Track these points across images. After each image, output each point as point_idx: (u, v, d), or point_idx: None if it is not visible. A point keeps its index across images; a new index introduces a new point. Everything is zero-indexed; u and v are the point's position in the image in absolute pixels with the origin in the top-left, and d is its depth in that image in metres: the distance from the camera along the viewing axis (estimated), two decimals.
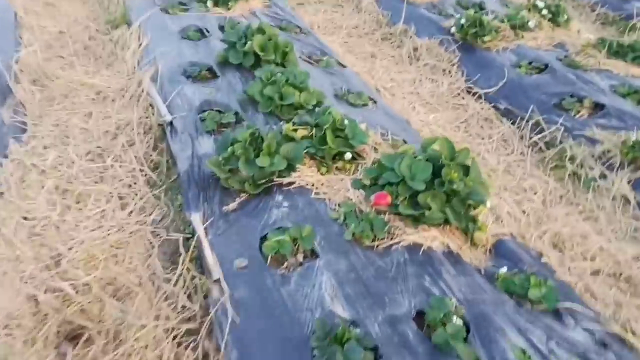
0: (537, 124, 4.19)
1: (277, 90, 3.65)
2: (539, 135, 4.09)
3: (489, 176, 3.72)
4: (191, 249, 2.75)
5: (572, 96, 4.35)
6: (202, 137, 3.47)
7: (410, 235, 2.75)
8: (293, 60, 4.23)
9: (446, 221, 2.82)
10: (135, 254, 2.85)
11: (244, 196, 3.05)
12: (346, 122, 3.28)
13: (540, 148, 4.04)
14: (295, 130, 3.28)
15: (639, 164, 3.64)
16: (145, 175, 3.36)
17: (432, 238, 2.76)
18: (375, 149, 3.36)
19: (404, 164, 2.87)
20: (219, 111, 3.71)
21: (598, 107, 4.25)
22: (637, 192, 3.52)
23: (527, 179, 3.73)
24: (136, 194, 3.23)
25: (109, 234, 2.93)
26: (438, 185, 2.83)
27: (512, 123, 4.33)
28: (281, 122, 3.53)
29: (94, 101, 4.08)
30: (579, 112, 4.23)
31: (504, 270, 2.65)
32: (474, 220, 2.87)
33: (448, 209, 2.82)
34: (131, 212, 3.10)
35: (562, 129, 4.04)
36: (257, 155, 3.08)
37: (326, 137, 3.19)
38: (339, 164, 3.19)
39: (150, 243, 2.91)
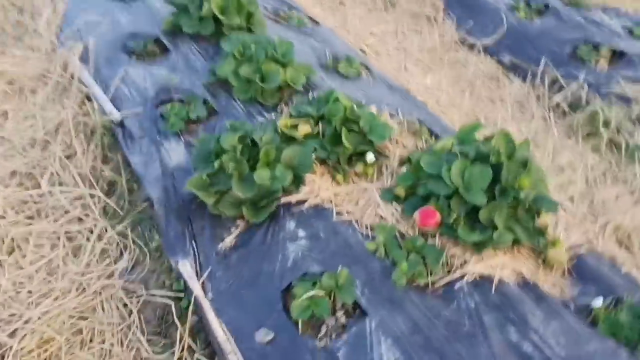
0: (554, 80, 3.58)
1: (255, 68, 2.83)
2: (560, 95, 3.49)
3: None
4: (189, 317, 2.00)
5: (585, 43, 3.75)
6: (169, 142, 2.64)
7: (474, 265, 2.12)
8: (260, 21, 3.38)
9: (514, 240, 2.20)
10: (106, 326, 2.07)
11: (242, 225, 2.30)
12: (357, 109, 2.55)
13: (564, 111, 3.44)
14: (295, 126, 2.51)
15: None
16: (99, 201, 2.51)
17: (501, 266, 2.14)
18: (396, 141, 2.65)
19: (455, 169, 2.19)
20: (182, 101, 2.86)
21: (617, 54, 3.68)
22: None
23: (561, 153, 3.14)
24: (91, 232, 2.40)
25: (65, 300, 2.13)
26: (500, 195, 2.18)
27: (522, 80, 3.70)
28: (272, 114, 2.74)
29: (7, 95, 3.10)
30: (597, 62, 3.65)
31: (599, 303, 2.08)
32: (542, 233, 2.26)
33: (516, 226, 2.19)
34: (90, 260, 2.29)
35: (586, 85, 3.46)
36: (253, 168, 2.32)
37: (339, 134, 2.44)
38: (358, 167, 2.47)
39: (126, 306, 2.14)
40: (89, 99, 2.96)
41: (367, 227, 2.24)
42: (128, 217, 2.43)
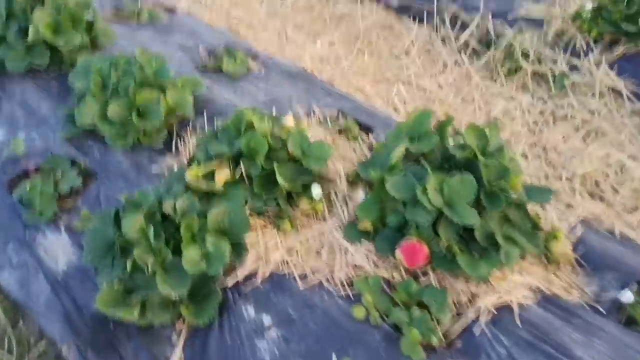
0: (454, 16, 3.20)
1: (128, 103, 2.16)
2: (467, 33, 3.13)
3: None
4: None
5: None
6: (45, 237, 1.95)
7: (485, 297, 1.74)
8: (105, 30, 2.64)
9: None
10: None
11: (184, 329, 1.74)
12: (279, 130, 2.01)
13: (476, 50, 3.09)
14: (209, 174, 1.93)
15: (607, 39, 2.89)
16: None
17: (514, 287, 1.78)
18: None
19: (431, 188, 1.75)
20: (38, 170, 2.14)
21: None
22: (623, 76, 2.80)
23: (492, 102, 2.82)
24: None
25: None
26: (489, 203, 1.79)
27: (420, 23, 3.29)
28: (167, 158, 2.12)
29: None
30: None
31: (628, 297, 1.79)
32: (537, 227, 1.92)
33: (514, 232, 1.82)
34: None
35: (490, 15, 3.12)
36: (177, 250, 1.74)
37: (271, 173, 1.90)
38: (303, 204, 1.96)
39: None
40: None
41: (343, 285, 1.78)
42: None
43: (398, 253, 1.77)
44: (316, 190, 1.92)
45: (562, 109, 2.76)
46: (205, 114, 2.29)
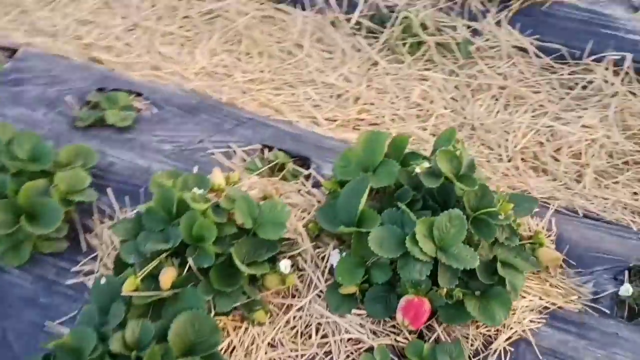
0: None
1: (12, 206, 1.67)
2: (358, 12, 2.87)
3: (365, 111, 2.51)
4: None
5: None
6: None
7: (499, 336, 1.59)
8: None
9: None
10: None
11: None
12: (219, 200, 1.67)
13: (371, 29, 2.85)
14: (150, 278, 1.56)
15: None
16: None
17: (521, 314, 1.64)
18: None
19: (420, 234, 1.53)
20: None
21: None
22: (526, 33, 2.72)
23: (406, 86, 2.62)
24: None
25: None
26: (479, 232, 1.62)
27: (302, 8, 2.97)
28: (79, 264, 1.69)
29: None
30: None
31: (627, 290, 1.72)
32: (521, 238, 1.78)
33: (512, 258, 1.66)
34: None
35: None
36: None
37: (228, 260, 1.57)
38: (271, 283, 1.65)
39: None
40: None
41: None
42: None
43: (400, 317, 1.55)
44: (285, 263, 1.62)
45: (476, 79, 2.64)
46: (109, 190, 1.87)
